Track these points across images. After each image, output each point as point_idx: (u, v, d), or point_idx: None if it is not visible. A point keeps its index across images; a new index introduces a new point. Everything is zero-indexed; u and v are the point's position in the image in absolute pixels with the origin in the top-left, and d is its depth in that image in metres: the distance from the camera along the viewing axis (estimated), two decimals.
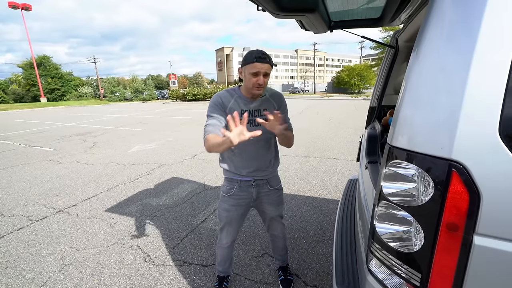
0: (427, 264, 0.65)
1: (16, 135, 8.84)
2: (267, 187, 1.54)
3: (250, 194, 1.52)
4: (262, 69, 1.27)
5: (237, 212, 1.56)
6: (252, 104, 1.42)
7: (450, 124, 0.59)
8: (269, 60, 1.29)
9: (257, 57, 1.26)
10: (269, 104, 1.46)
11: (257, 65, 1.26)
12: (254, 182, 1.50)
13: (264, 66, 1.27)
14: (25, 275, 2.00)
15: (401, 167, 0.70)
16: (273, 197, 1.58)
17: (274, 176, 1.58)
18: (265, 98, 1.45)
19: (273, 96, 1.48)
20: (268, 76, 1.31)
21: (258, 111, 1.43)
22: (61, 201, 3.32)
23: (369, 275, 0.85)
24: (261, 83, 1.29)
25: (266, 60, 1.27)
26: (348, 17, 1.83)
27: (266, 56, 1.28)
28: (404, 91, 0.72)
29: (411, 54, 0.75)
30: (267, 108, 1.44)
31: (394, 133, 0.73)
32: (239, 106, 1.41)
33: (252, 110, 1.42)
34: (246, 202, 1.55)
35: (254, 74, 1.28)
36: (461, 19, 0.62)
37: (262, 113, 1.42)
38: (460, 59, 0.61)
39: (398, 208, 0.72)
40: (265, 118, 1.33)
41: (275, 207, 1.61)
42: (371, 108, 2.12)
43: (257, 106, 1.43)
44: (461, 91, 0.58)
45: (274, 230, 1.72)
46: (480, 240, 0.58)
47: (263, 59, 1.26)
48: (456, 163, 0.59)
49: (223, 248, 1.68)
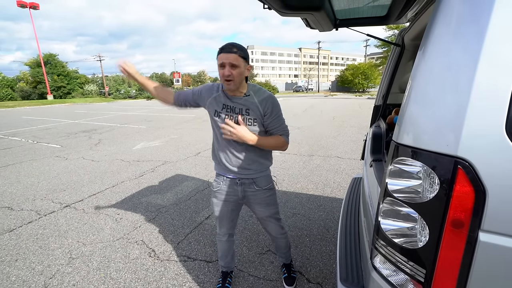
0: (431, 260, 0.66)
1: (24, 131, 8.98)
2: (253, 187, 1.49)
3: (236, 191, 1.50)
4: (226, 60, 1.21)
5: (226, 208, 1.56)
6: (234, 102, 1.36)
7: (456, 121, 0.60)
8: (236, 50, 1.21)
9: (222, 48, 1.22)
10: (253, 104, 1.35)
11: (221, 56, 1.22)
12: (239, 181, 1.47)
13: (229, 56, 1.21)
14: (34, 267, 2.04)
15: (407, 164, 0.71)
16: (261, 197, 1.52)
17: (262, 176, 1.50)
18: (249, 98, 1.35)
19: (259, 99, 1.36)
20: (236, 67, 1.23)
21: (240, 109, 1.36)
22: (68, 197, 3.38)
23: (374, 271, 0.86)
24: (227, 74, 1.22)
25: (231, 50, 1.21)
26: (353, 15, 1.83)
27: (233, 46, 1.22)
28: (410, 89, 0.72)
29: (418, 52, 0.75)
30: (249, 108, 1.35)
31: (400, 130, 0.73)
32: (221, 101, 1.38)
33: (233, 107, 1.36)
34: (234, 199, 1.53)
35: (220, 66, 1.24)
36: (470, 16, 0.62)
37: (244, 112, 1.35)
38: (467, 57, 0.61)
39: (403, 204, 0.73)
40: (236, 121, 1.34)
41: (263, 208, 1.55)
42: (376, 106, 2.11)
43: (240, 105, 1.35)
44: (468, 89, 0.58)
45: (269, 230, 1.69)
46: (485, 237, 0.59)
47: (228, 49, 1.21)
48: (462, 160, 0.59)
49: (221, 241, 1.70)
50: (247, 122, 1.38)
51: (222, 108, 1.39)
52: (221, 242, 1.71)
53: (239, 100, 1.36)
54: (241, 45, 1.27)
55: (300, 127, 8.28)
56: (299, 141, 6.21)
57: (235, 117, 1.37)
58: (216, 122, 1.43)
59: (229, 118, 1.37)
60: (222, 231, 1.66)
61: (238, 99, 1.36)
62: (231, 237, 1.71)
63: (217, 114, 1.41)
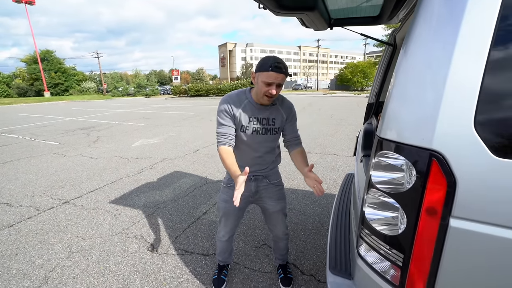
0: (409, 246, 0.71)
1: (21, 128, 8.97)
2: (265, 181, 1.56)
3: (249, 187, 1.53)
4: (276, 80, 1.21)
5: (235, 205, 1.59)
6: (262, 112, 1.39)
7: (431, 116, 0.65)
8: (285, 70, 1.23)
9: (273, 66, 1.19)
10: (278, 113, 1.42)
11: (272, 74, 1.20)
12: (253, 177, 1.53)
13: (279, 76, 1.21)
14: (34, 261, 2.09)
15: (388, 157, 0.76)
16: (272, 191, 1.58)
17: (273, 172, 1.59)
18: (275, 108, 1.42)
19: (283, 106, 1.44)
20: (281, 87, 1.26)
21: (267, 119, 1.40)
22: (66, 193, 3.41)
23: (359, 259, 0.92)
24: (273, 94, 1.24)
25: (282, 70, 1.21)
26: (347, 15, 1.87)
27: (282, 65, 1.21)
28: (392, 86, 0.77)
29: (400, 50, 0.80)
30: (275, 118, 1.41)
31: (382, 125, 0.78)
32: (248, 114, 1.37)
33: (260, 118, 1.39)
34: (245, 195, 1.54)
35: (267, 84, 1.23)
36: (448, 15, 0.66)
37: (271, 122, 1.41)
38: (443, 56, 0.66)
39: (385, 195, 0.78)
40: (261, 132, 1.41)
41: (275, 202, 1.59)
42: (369, 104, 2.17)
43: (267, 115, 1.40)
44: (442, 86, 0.63)
45: (276, 230, 1.70)
46: (455, 223, 0.64)
47: (279, 69, 1.20)
48: (436, 153, 0.64)
49: (221, 241, 1.73)
50: (273, 132, 1.43)
51: (249, 122, 1.39)
52: (221, 242, 1.73)
53: (267, 109, 1.40)
54: (284, 63, 1.26)
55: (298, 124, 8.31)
56: None
57: (261, 129, 1.40)
58: (240, 136, 1.42)
59: (255, 132, 1.39)
60: (225, 230, 1.67)
61: (267, 109, 1.40)
62: (231, 237, 1.74)
63: (243, 129, 1.40)
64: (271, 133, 1.43)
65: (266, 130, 1.42)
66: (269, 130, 1.42)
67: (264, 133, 1.42)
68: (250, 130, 1.40)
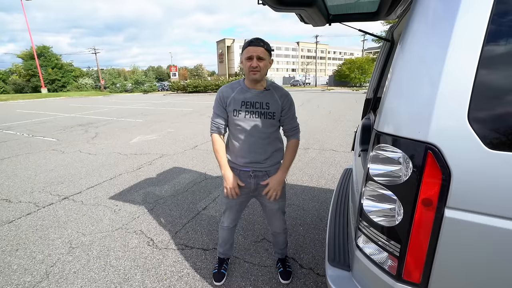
0: (406, 236, 0.73)
1: (19, 125, 8.92)
2: (266, 179, 1.54)
3: (249, 184, 1.55)
4: (255, 52, 1.30)
5: (236, 200, 1.62)
6: (255, 97, 1.43)
7: (427, 110, 0.67)
8: (263, 44, 1.32)
9: (250, 42, 1.32)
10: (273, 98, 1.44)
11: (249, 48, 1.31)
12: (253, 173, 1.53)
13: (257, 49, 1.31)
14: (35, 256, 2.10)
15: (386, 150, 0.78)
16: None
17: (274, 169, 1.56)
18: (269, 92, 1.44)
19: (279, 94, 1.46)
20: (263, 60, 1.33)
21: (260, 103, 1.43)
22: (66, 189, 3.42)
23: (357, 251, 0.94)
24: (255, 65, 1.31)
25: (259, 44, 1.31)
26: (346, 11, 1.87)
27: (260, 40, 1.32)
28: (389, 81, 0.79)
29: (397, 46, 0.81)
30: (269, 102, 1.43)
31: (380, 119, 0.80)
32: (240, 98, 1.44)
33: (253, 102, 1.42)
34: (245, 191, 1.58)
35: (248, 58, 1.33)
36: (443, 11, 0.67)
37: (264, 106, 1.43)
38: (438, 51, 0.67)
39: (383, 187, 0.80)
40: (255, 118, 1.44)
41: (274, 200, 1.58)
42: (367, 100, 2.18)
43: (260, 99, 1.43)
44: (437, 80, 0.65)
45: (274, 225, 1.72)
46: (450, 213, 0.66)
47: (256, 43, 1.31)
48: (432, 145, 0.66)
49: (224, 229, 1.76)
50: (267, 116, 1.44)
51: (242, 105, 1.44)
52: (223, 229, 1.76)
53: (260, 93, 1.44)
54: (266, 41, 1.36)
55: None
56: None
57: (254, 113, 1.43)
58: (234, 120, 1.47)
59: (249, 115, 1.43)
60: (227, 221, 1.73)
61: (259, 93, 1.44)
62: (234, 227, 1.78)
63: (236, 113, 1.45)
64: (265, 117, 1.44)
65: (260, 114, 1.43)
66: (263, 114, 1.43)
67: (258, 116, 1.43)
68: (243, 113, 1.44)
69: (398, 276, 0.77)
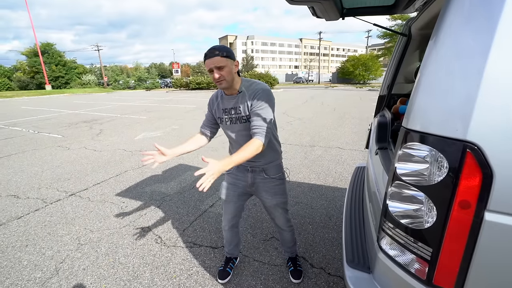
0: (438, 239, 0.70)
1: (24, 121, 8.96)
2: (262, 175, 1.54)
3: (246, 177, 1.57)
4: (212, 64, 1.27)
5: (233, 192, 1.61)
6: (229, 102, 1.44)
7: (466, 107, 0.62)
8: (218, 52, 1.25)
9: (205, 55, 1.28)
10: (243, 100, 1.39)
11: (207, 62, 1.28)
12: (251, 168, 1.55)
13: (213, 60, 1.26)
14: (44, 252, 2.10)
15: (415, 148, 0.74)
16: (269, 185, 1.55)
17: (271, 166, 1.54)
18: (241, 95, 1.40)
19: (250, 93, 1.38)
20: (223, 68, 1.27)
21: (234, 108, 1.42)
22: (72, 185, 3.42)
23: (380, 252, 0.90)
24: (216, 77, 1.29)
25: (214, 54, 1.25)
26: (360, 4, 1.82)
27: (214, 49, 1.26)
28: (420, 77, 0.74)
29: (429, 41, 0.76)
30: (240, 105, 1.40)
31: (410, 116, 0.76)
32: (221, 106, 1.48)
33: (229, 109, 1.45)
34: (242, 184, 1.60)
35: (209, 72, 1.30)
36: (482, 4, 0.63)
37: (238, 111, 1.41)
38: (478, 45, 0.63)
39: (411, 187, 0.76)
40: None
41: (271, 196, 1.57)
42: (380, 96, 2.13)
43: (234, 104, 1.42)
44: (479, 75, 0.61)
45: (277, 222, 1.71)
46: (491, 216, 0.62)
47: (210, 54, 1.26)
48: (471, 144, 0.62)
49: (224, 230, 1.77)
50: (242, 120, 1.43)
51: (223, 113, 1.49)
52: (224, 231, 1.77)
53: (233, 99, 1.43)
54: (222, 46, 1.30)
55: (301, 118, 8.29)
56: (300, 132, 6.23)
57: (233, 119, 1.45)
58: (222, 128, 1.56)
59: (229, 122, 1.47)
60: (226, 218, 1.71)
61: (233, 98, 1.43)
62: (234, 227, 1.75)
63: (221, 120, 1.52)
64: (240, 121, 1.44)
65: (236, 119, 1.45)
66: (238, 119, 1.44)
67: (235, 122, 1.45)
68: (226, 121, 1.48)
69: (428, 280, 0.74)
